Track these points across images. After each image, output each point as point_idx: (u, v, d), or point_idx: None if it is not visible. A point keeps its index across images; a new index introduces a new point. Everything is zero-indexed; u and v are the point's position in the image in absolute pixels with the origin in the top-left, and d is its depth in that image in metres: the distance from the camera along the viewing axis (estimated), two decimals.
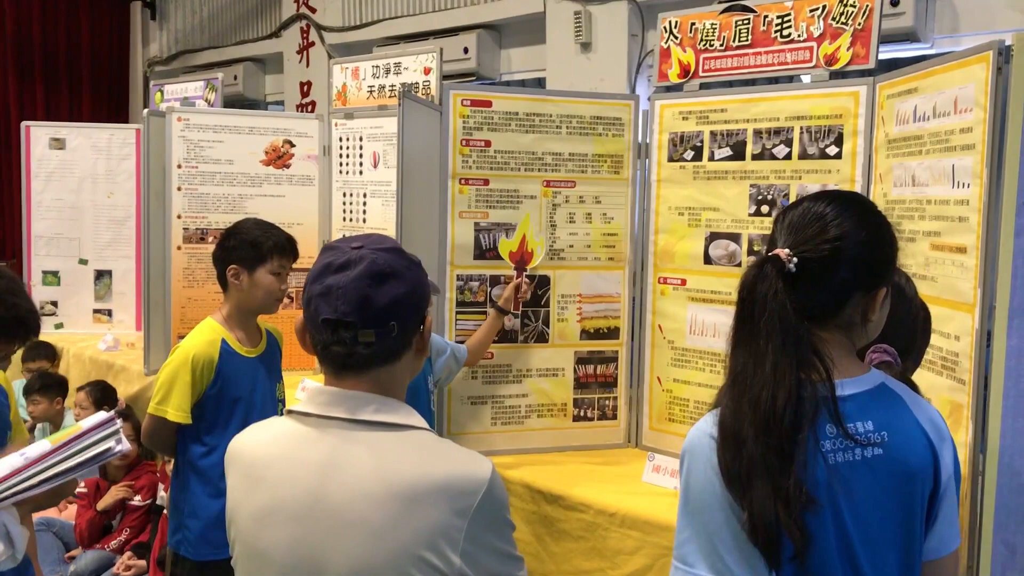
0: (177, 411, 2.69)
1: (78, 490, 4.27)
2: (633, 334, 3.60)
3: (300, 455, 1.37)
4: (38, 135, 5.78)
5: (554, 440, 3.55)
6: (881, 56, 3.02)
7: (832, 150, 3.04)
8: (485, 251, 3.40)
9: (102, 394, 4.68)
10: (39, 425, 4.92)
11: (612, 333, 3.58)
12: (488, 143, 3.38)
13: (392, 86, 4.47)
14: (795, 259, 1.39)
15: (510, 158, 3.41)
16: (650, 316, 3.54)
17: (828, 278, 1.42)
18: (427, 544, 1.28)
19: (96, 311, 5.92)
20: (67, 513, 4.47)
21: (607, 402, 3.60)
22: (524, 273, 3.33)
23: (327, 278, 1.37)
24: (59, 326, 5.87)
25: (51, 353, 5.46)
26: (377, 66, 4.52)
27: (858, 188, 2.98)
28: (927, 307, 2.02)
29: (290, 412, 1.43)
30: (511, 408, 3.50)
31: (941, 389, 2.45)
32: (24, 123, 5.82)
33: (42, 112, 8.85)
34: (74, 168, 5.81)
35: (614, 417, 3.61)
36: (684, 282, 3.43)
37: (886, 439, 1.43)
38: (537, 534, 3.18)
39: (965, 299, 2.36)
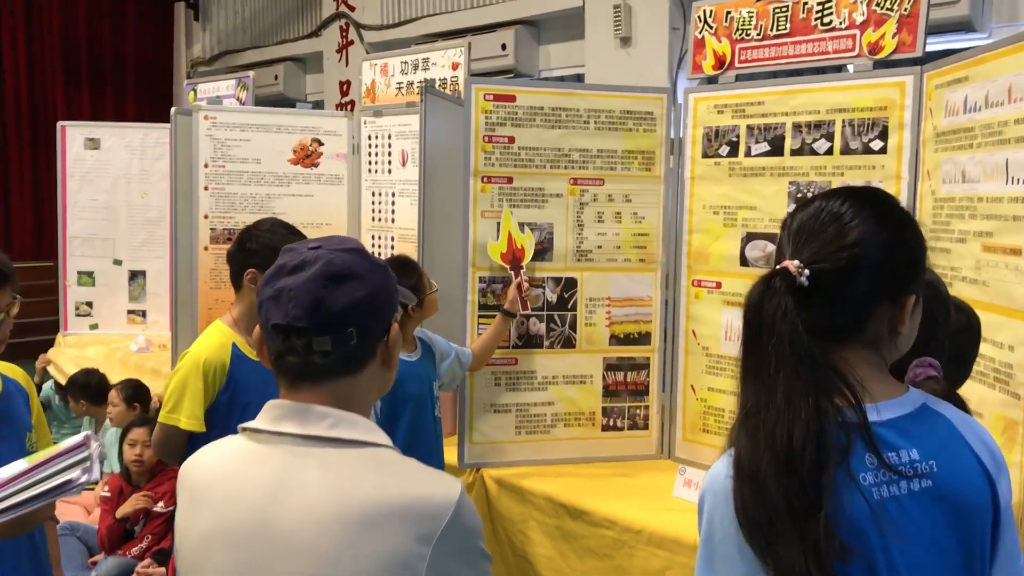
0: (190, 419, 2.57)
1: (102, 494, 4.22)
2: (665, 339, 3.43)
3: (247, 475, 1.25)
4: (73, 135, 5.78)
5: (581, 451, 3.39)
6: (933, 47, 2.83)
7: (876, 144, 2.84)
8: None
9: (134, 392, 4.63)
10: (85, 418, 4.95)
11: (643, 338, 3.41)
12: (512, 139, 3.24)
13: (421, 82, 4.35)
14: (807, 271, 1.22)
15: (535, 155, 3.26)
16: (683, 321, 3.36)
17: (848, 291, 1.24)
18: (385, 574, 1.15)
19: (130, 312, 5.90)
20: (92, 517, 4.42)
21: (638, 411, 3.43)
22: (522, 271, 3.18)
23: (279, 280, 1.26)
24: (94, 327, 5.87)
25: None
26: (406, 62, 4.41)
27: (904, 185, 2.78)
28: (973, 311, 1.83)
29: (243, 428, 1.30)
30: (536, 417, 3.35)
31: (993, 404, 2.25)
32: (60, 123, 5.82)
33: (87, 113, 8.92)
34: (108, 168, 5.80)
35: (645, 427, 3.44)
36: (719, 285, 3.26)
37: (935, 469, 1.24)
38: (560, 550, 3.03)
39: (1020, 305, 2.16)
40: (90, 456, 1.70)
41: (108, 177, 5.82)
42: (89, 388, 4.94)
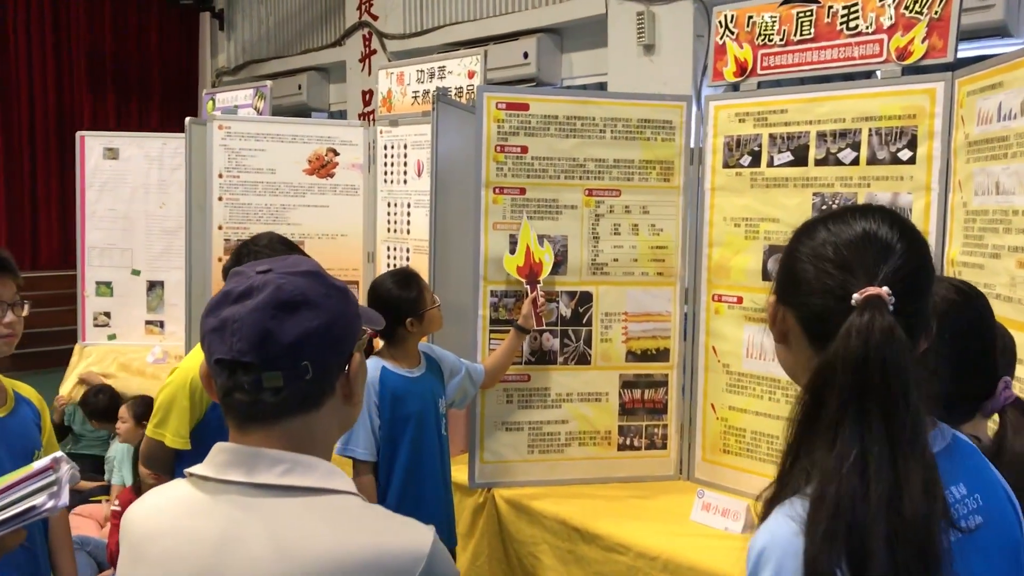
0: (175, 436, 2.51)
1: (113, 508, 4.16)
2: (684, 356, 3.30)
3: (188, 529, 1.11)
4: (92, 145, 5.76)
5: (597, 471, 3.27)
6: (966, 53, 2.69)
7: (905, 154, 2.70)
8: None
9: (144, 410, 4.57)
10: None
11: (661, 355, 3.29)
12: (524, 149, 3.14)
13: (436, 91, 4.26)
14: (892, 298, 1.08)
15: (548, 165, 3.16)
16: (703, 337, 3.24)
17: (924, 316, 1.14)
18: None
19: (148, 322, 5.86)
20: (103, 532, 4.37)
21: (656, 430, 3.31)
22: (539, 287, 3.08)
23: (223, 310, 1.13)
24: (112, 337, 5.83)
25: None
26: (422, 70, 4.33)
27: (934, 196, 2.64)
28: (1007, 330, 1.70)
29: (189, 474, 1.17)
30: (550, 435, 3.24)
31: None
32: (79, 133, 5.80)
33: (113, 123, 8.96)
34: (127, 178, 5.78)
35: (663, 447, 3.32)
36: (740, 300, 3.13)
37: (981, 503, 1.15)
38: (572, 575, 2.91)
39: None
40: (58, 480, 1.61)
41: (127, 187, 5.79)
42: (97, 408, 4.90)
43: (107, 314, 5.85)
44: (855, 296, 1.08)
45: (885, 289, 1.07)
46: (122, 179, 5.77)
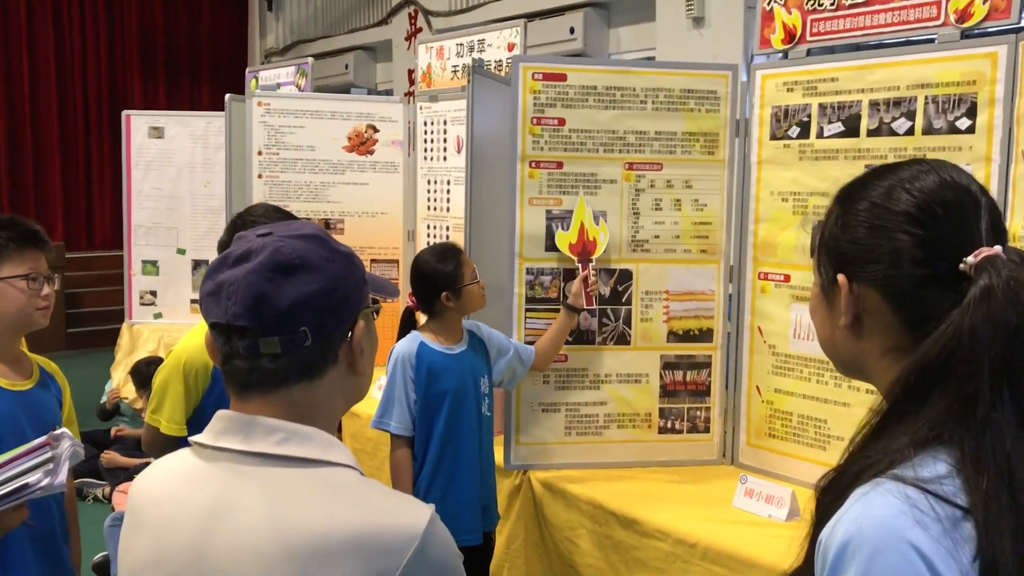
0: (170, 423, 2.45)
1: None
2: (728, 337, 3.18)
3: (185, 497, 1.08)
4: (138, 124, 5.78)
5: (636, 454, 3.17)
6: None
7: (963, 123, 2.55)
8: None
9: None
10: None
11: (704, 335, 3.18)
12: (562, 121, 3.03)
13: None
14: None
15: (587, 138, 3.05)
16: (748, 317, 3.11)
17: None
18: None
19: (193, 301, 5.88)
20: None
21: (698, 413, 3.20)
22: (591, 265, 2.98)
23: (221, 273, 1.09)
24: (158, 316, 5.87)
25: None
26: (461, 44, 4.24)
27: (995, 168, 2.49)
28: None
29: (192, 441, 1.15)
30: (588, 417, 3.15)
31: None
32: (124, 112, 5.83)
33: (163, 104, 9.04)
34: (172, 157, 5.80)
35: (706, 430, 3.21)
36: (788, 278, 3.00)
37: None
38: (610, 561, 2.83)
39: None
40: (55, 458, 1.57)
41: (172, 166, 5.81)
42: (148, 378, 4.91)
43: (153, 293, 5.89)
44: (967, 259, 0.95)
45: (998, 248, 0.96)
46: (167, 158, 5.80)
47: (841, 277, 1.05)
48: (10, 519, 1.62)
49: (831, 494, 0.98)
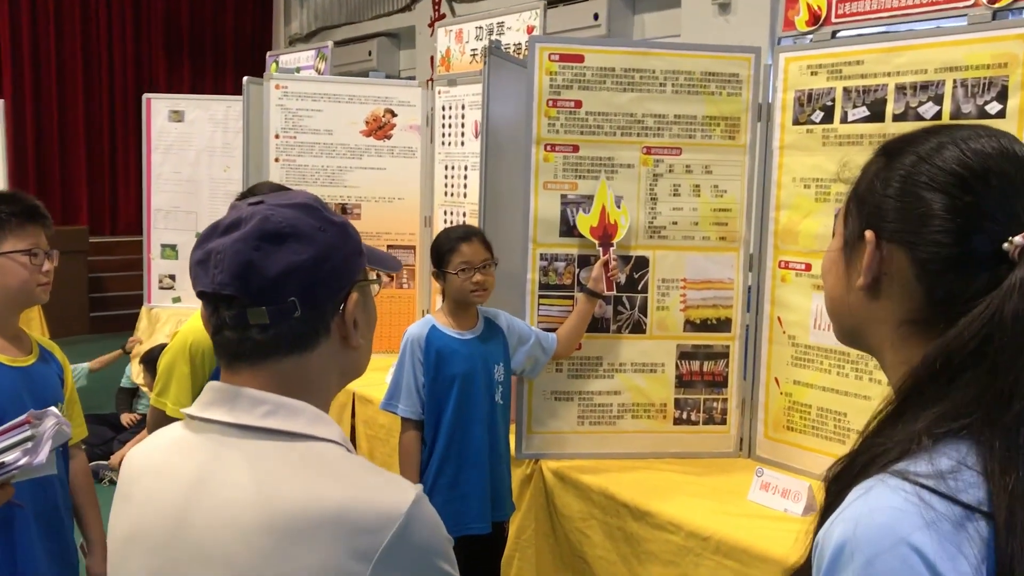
0: (176, 404, 2.41)
1: None
2: (747, 327, 3.11)
3: (169, 469, 1.07)
4: (158, 107, 5.77)
5: (651, 445, 3.10)
6: None
7: (993, 107, 2.46)
8: (573, 227, 2.99)
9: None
10: None
11: (722, 325, 3.10)
12: (578, 104, 2.96)
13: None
14: None
15: (604, 121, 2.98)
16: (768, 306, 3.04)
17: None
18: None
19: None
20: None
21: (714, 404, 3.13)
22: (612, 249, 2.91)
23: (210, 242, 1.07)
24: (176, 300, 5.87)
25: None
26: (480, 27, 4.17)
27: None
28: None
29: (184, 414, 1.13)
30: (601, 407, 3.09)
31: None
32: (145, 95, 5.82)
33: (187, 89, 9.04)
34: (192, 141, 5.78)
35: (723, 422, 3.13)
36: (809, 267, 2.92)
37: None
38: (621, 553, 2.77)
39: None
40: (35, 436, 1.53)
41: (192, 150, 5.80)
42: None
43: (172, 277, 5.89)
44: (1015, 239, 0.86)
45: None
46: (187, 142, 5.79)
47: (869, 233, 0.96)
48: None
49: (840, 483, 0.90)
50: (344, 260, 1.09)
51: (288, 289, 1.03)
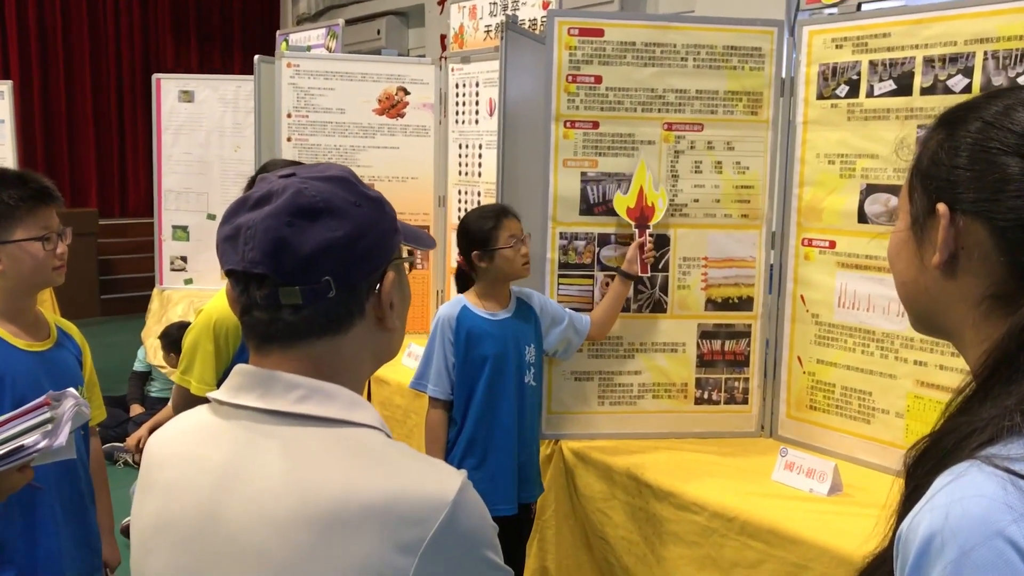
0: (200, 383, 2.41)
1: None
2: (769, 306, 3.06)
3: (197, 456, 1.01)
4: (168, 88, 5.73)
5: (672, 425, 3.07)
6: None
7: None
8: (593, 206, 2.94)
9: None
10: None
11: (744, 303, 3.06)
12: (598, 79, 2.91)
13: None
14: None
15: (624, 96, 2.93)
16: (791, 284, 3.00)
17: None
18: None
19: None
20: None
21: (736, 384, 3.09)
22: (648, 231, 2.88)
23: (239, 216, 1.00)
24: (188, 281, 5.85)
25: None
26: (494, 3, 4.11)
27: None
28: None
29: (211, 398, 1.07)
30: (621, 387, 3.05)
31: None
32: (155, 76, 5.78)
33: (195, 69, 8.99)
34: (202, 121, 5.74)
35: (744, 402, 3.10)
36: (833, 244, 2.88)
37: None
38: (644, 534, 2.75)
39: None
40: (55, 418, 1.50)
41: (202, 130, 5.75)
42: (176, 341, 4.89)
43: (183, 258, 5.86)
44: None
45: None
46: (197, 122, 5.74)
47: (942, 206, 0.90)
48: (12, 481, 1.56)
49: (924, 467, 0.84)
50: (380, 237, 1.04)
51: (323, 268, 0.98)
